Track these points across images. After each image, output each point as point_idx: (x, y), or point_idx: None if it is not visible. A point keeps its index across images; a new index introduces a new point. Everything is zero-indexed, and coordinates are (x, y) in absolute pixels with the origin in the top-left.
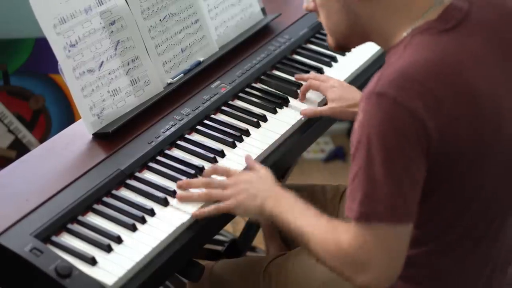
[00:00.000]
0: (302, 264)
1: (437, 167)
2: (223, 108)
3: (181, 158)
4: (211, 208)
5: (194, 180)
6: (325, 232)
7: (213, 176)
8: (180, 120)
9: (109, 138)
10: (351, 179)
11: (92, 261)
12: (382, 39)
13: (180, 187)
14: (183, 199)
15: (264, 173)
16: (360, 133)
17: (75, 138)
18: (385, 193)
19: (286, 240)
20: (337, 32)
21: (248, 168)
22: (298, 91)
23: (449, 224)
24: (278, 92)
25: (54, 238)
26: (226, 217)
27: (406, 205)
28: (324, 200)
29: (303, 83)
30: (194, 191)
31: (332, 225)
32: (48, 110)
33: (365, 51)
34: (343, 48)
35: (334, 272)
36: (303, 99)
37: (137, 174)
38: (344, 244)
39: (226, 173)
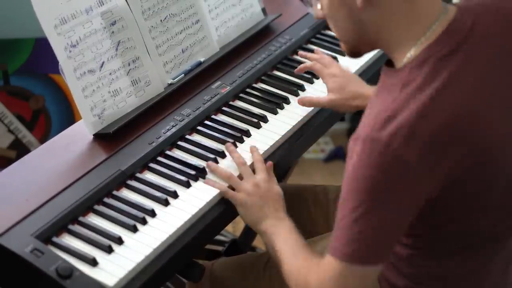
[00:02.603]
0: None
1: (437, 206)
2: (224, 108)
3: (181, 158)
4: (222, 186)
5: (237, 154)
6: (300, 265)
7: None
8: (181, 121)
9: (110, 138)
10: (340, 217)
11: (93, 262)
12: (389, 50)
13: (226, 147)
14: (210, 168)
15: (279, 193)
16: (353, 176)
17: (76, 138)
18: (369, 237)
19: None
20: (346, 40)
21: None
22: (299, 91)
23: (452, 235)
24: (279, 92)
25: (54, 239)
26: (226, 218)
27: (386, 249)
28: (326, 201)
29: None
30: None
31: (310, 262)
32: (48, 110)
33: None
34: (356, 54)
35: None
36: (299, 72)
37: (137, 174)
38: (313, 277)
39: (258, 169)
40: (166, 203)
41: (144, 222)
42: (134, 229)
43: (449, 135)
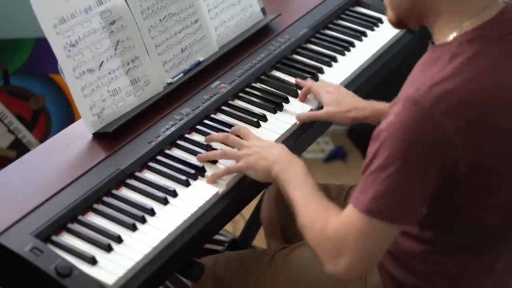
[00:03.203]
0: (307, 255)
1: (458, 182)
2: (223, 108)
3: (181, 157)
4: (222, 169)
5: (215, 134)
6: (315, 211)
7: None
8: (180, 120)
9: (109, 137)
10: (369, 172)
11: (92, 261)
12: (437, 24)
13: (206, 140)
14: (201, 159)
15: (280, 144)
16: (387, 134)
17: (75, 137)
18: (396, 195)
19: (287, 236)
20: (397, 8)
21: None
22: (298, 91)
23: (465, 228)
24: (278, 92)
25: (54, 238)
26: (226, 217)
27: (411, 211)
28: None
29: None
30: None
31: (325, 207)
32: (48, 110)
33: (365, 52)
34: (401, 25)
35: (312, 249)
36: (303, 100)
37: (137, 173)
38: (329, 228)
39: (246, 135)
40: (165, 202)
41: (143, 221)
42: (133, 228)
43: (490, 116)
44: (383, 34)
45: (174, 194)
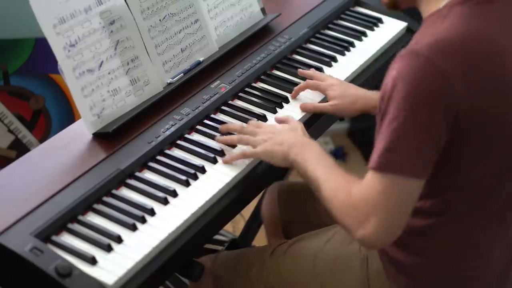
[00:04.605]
0: (309, 246)
1: (463, 132)
2: (223, 108)
3: (181, 157)
4: (238, 152)
5: (232, 124)
6: (338, 183)
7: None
8: (180, 120)
9: (109, 137)
10: (381, 130)
11: (92, 261)
12: (425, 2)
13: (221, 130)
14: (219, 141)
15: (294, 125)
16: (391, 89)
17: (75, 138)
18: (405, 146)
19: (289, 233)
20: None
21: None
22: None
23: (464, 192)
24: (278, 91)
25: (54, 238)
26: (226, 217)
27: (423, 161)
28: None
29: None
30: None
31: (347, 178)
32: (48, 110)
33: (365, 52)
34: (395, 6)
35: (338, 223)
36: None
37: (137, 173)
38: (354, 194)
39: (259, 125)
40: (165, 202)
41: (143, 221)
42: (133, 228)
43: (485, 64)
44: (383, 34)
45: (174, 194)
